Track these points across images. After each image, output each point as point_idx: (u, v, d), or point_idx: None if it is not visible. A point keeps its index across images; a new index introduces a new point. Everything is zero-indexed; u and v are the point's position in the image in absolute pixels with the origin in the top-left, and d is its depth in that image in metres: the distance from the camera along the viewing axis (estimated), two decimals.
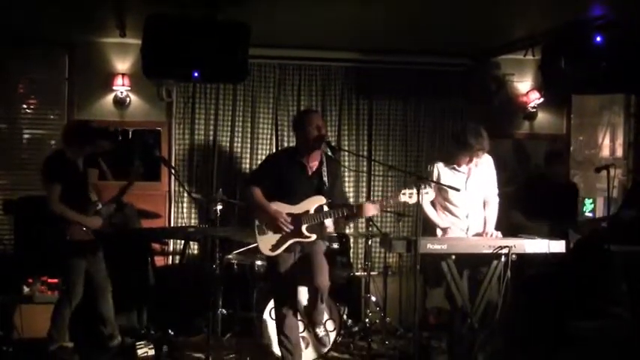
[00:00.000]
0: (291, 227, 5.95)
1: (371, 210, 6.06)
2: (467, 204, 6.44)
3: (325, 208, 6.09)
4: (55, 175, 6.49)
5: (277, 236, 6.03)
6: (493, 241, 6.08)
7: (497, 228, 6.43)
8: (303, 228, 5.99)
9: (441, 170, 6.42)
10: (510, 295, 5.77)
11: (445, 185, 6.28)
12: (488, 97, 8.91)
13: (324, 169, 6.11)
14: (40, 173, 6.59)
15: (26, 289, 7.19)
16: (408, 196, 5.91)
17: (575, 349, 3.53)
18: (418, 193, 5.82)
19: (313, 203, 6.02)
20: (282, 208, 5.99)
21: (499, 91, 9.01)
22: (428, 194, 6.29)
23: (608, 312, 6.25)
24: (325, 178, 6.09)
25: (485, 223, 6.47)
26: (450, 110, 8.89)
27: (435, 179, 6.37)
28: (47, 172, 6.55)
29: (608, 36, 6.97)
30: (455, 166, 6.40)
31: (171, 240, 8.32)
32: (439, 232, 6.45)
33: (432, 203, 6.49)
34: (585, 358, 3.52)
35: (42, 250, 6.91)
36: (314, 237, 6.02)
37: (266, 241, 6.07)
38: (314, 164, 6.12)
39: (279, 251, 6.04)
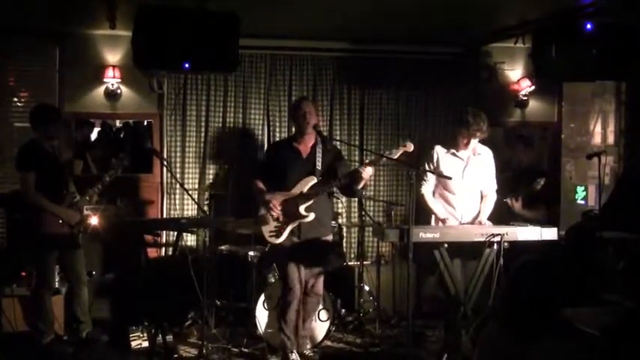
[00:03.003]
0: (279, 212, 6.20)
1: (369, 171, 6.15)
2: (463, 192, 6.47)
3: None
4: (28, 163, 6.49)
5: (277, 223, 6.25)
6: (485, 229, 6.12)
7: (493, 217, 6.48)
8: (301, 209, 6.19)
9: (440, 154, 6.44)
10: (503, 282, 5.80)
11: (436, 173, 6.32)
12: (479, 85, 8.92)
13: (319, 152, 6.33)
14: (15, 162, 6.60)
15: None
16: (387, 154, 6.07)
17: (564, 335, 3.55)
18: (411, 183, 5.87)
19: (306, 184, 6.24)
20: (277, 196, 6.23)
21: (490, 79, 9.03)
22: (428, 182, 6.37)
23: (602, 299, 6.29)
24: (319, 161, 6.31)
25: (478, 213, 6.51)
26: (441, 99, 8.87)
27: (434, 162, 6.42)
28: (20, 160, 6.55)
29: (598, 23, 7.00)
30: (454, 150, 6.42)
31: (164, 232, 8.31)
32: (433, 221, 6.49)
33: (432, 193, 6.54)
34: (574, 345, 3.54)
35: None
36: (312, 216, 6.20)
37: (269, 230, 6.28)
38: (308, 148, 6.38)
39: (282, 238, 6.26)
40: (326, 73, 8.75)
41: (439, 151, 6.47)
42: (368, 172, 6.12)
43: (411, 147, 6.07)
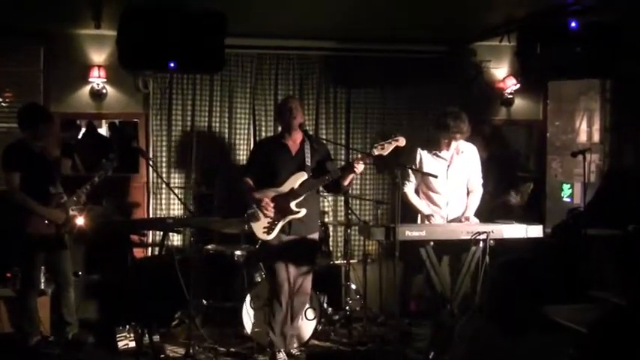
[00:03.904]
0: (273, 210, 6.19)
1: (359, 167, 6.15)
2: (448, 191, 6.50)
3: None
4: (13, 163, 6.45)
5: (269, 219, 6.23)
6: (471, 227, 6.15)
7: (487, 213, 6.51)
8: (292, 205, 6.20)
9: (423, 155, 6.49)
10: (489, 279, 5.82)
11: (422, 172, 6.35)
12: (465, 84, 8.93)
13: (307, 148, 6.36)
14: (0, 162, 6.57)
15: None
16: (379, 149, 6.02)
17: (550, 331, 3.57)
18: (396, 182, 5.89)
19: (297, 180, 6.25)
20: (268, 193, 6.23)
21: (476, 78, 9.04)
22: (411, 182, 6.40)
23: (589, 296, 6.33)
24: (308, 158, 6.32)
25: (465, 209, 6.54)
26: (427, 98, 8.85)
27: (417, 164, 6.45)
28: (5, 161, 6.50)
29: (582, 21, 7.03)
30: (436, 151, 6.46)
31: (151, 231, 8.29)
32: (419, 219, 6.51)
33: (416, 191, 6.56)
34: (560, 340, 3.57)
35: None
36: (304, 211, 6.23)
37: (259, 226, 6.27)
38: (296, 145, 6.40)
39: (274, 234, 6.26)
40: (312, 73, 8.75)
41: (421, 153, 6.50)
42: (360, 167, 6.13)
43: (403, 142, 6.09)
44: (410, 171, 6.46)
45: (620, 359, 3.33)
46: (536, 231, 6.26)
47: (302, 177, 6.25)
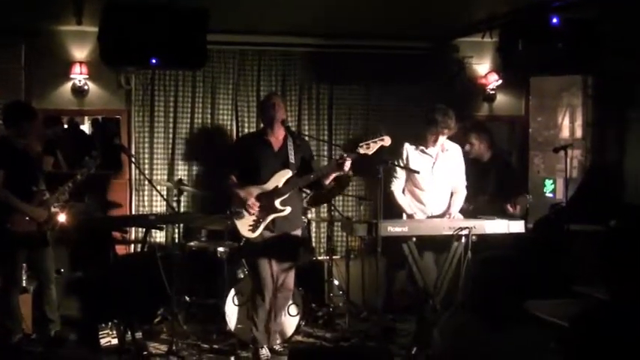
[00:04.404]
0: (257, 209, 6.19)
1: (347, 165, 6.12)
2: (433, 189, 6.51)
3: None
4: None
5: (253, 217, 6.22)
6: (453, 223, 6.17)
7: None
8: (277, 203, 6.20)
9: (409, 151, 6.50)
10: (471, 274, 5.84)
11: (404, 167, 6.36)
12: (448, 79, 8.94)
13: (290, 145, 6.36)
14: None
15: None
16: (365, 148, 6.00)
17: (532, 325, 3.59)
18: (379, 178, 5.90)
19: (281, 178, 6.25)
20: (252, 191, 6.23)
21: (459, 73, 9.06)
22: (398, 178, 6.41)
23: (572, 291, 6.36)
24: (292, 154, 6.33)
25: (449, 207, 6.56)
26: (410, 94, 8.85)
27: (404, 160, 6.46)
28: None
29: (564, 17, 7.05)
30: (423, 147, 6.48)
31: (133, 228, 8.26)
32: (404, 217, 6.53)
33: (402, 190, 6.58)
34: (543, 335, 3.58)
35: None
36: (288, 209, 6.23)
37: (244, 224, 6.27)
38: (279, 141, 6.40)
39: (258, 232, 6.26)
40: (295, 69, 8.73)
41: (408, 148, 6.52)
42: (348, 165, 6.11)
43: (388, 141, 6.11)
44: (396, 167, 6.46)
45: (602, 354, 3.34)
46: (518, 226, 6.30)
47: (286, 175, 6.25)
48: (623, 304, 3.33)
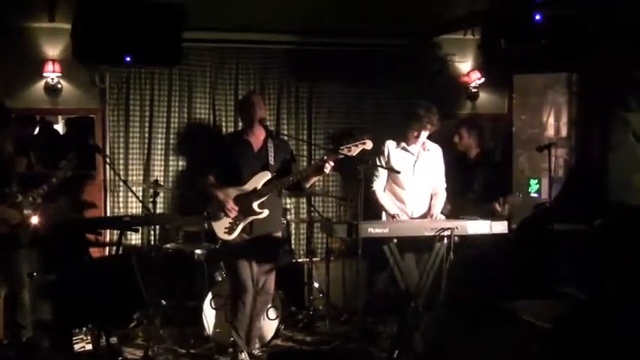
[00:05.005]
0: (236, 212, 6.17)
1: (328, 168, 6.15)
2: (414, 187, 6.55)
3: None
4: None
5: (230, 219, 6.22)
6: (435, 224, 6.20)
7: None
8: (255, 205, 6.19)
9: (391, 149, 6.54)
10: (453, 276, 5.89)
11: (384, 167, 6.40)
12: (430, 77, 8.98)
13: (270, 146, 6.35)
14: None
15: None
16: (346, 151, 6.03)
17: (512, 326, 3.64)
18: (360, 179, 5.91)
19: (260, 180, 6.23)
20: (230, 192, 6.21)
21: (441, 71, 9.10)
22: (379, 177, 6.45)
23: (556, 291, 6.41)
24: (271, 156, 6.32)
25: (430, 208, 6.60)
26: (391, 92, 8.90)
27: (385, 157, 6.50)
28: None
29: (547, 14, 7.10)
30: (404, 145, 6.52)
31: (108, 230, 8.25)
32: (384, 217, 6.56)
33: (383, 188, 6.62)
34: (525, 336, 3.63)
35: None
36: (266, 212, 6.22)
37: (221, 226, 6.25)
38: (259, 142, 6.38)
39: (235, 234, 6.24)
40: (273, 67, 8.74)
41: (390, 145, 6.56)
42: (328, 167, 6.12)
43: (370, 145, 6.11)
44: (377, 165, 6.50)
45: (584, 355, 3.40)
46: (500, 227, 6.32)
47: (265, 177, 6.25)
48: (604, 304, 3.39)
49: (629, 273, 4.60)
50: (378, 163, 6.48)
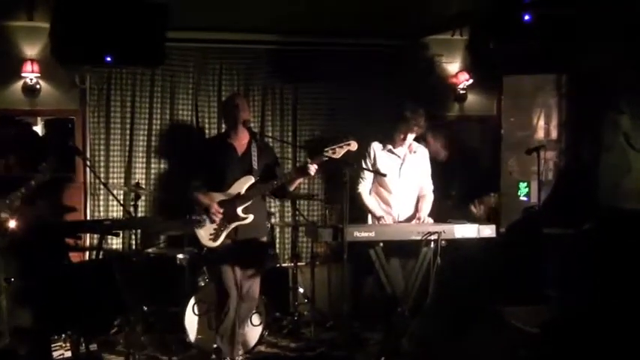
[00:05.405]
0: (221, 216, 6.15)
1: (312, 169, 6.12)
2: (400, 190, 6.55)
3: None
4: None
5: (215, 225, 6.19)
6: (422, 227, 6.19)
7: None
8: (239, 210, 6.16)
9: (377, 151, 6.54)
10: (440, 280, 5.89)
11: (370, 170, 6.40)
12: (417, 79, 8.97)
13: (254, 150, 6.32)
14: None
15: None
16: (331, 153, 6.02)
17: (499, 331, 3.65)
18: (344, 181, 5.91)
19: (244, 184, 6.21)
20: (214, 197, 6.18)
21: (429, 72, 9.10)
22: (365, 179, 6.45)
23: (543, 296, 6.43)
24: (255, 160, 6.29)
25: (417, 211, 6.60)
26: (378, 94, 8.88)
27: (371, 159, 6.50)
28: None
29: (536, 14, 7.11)
30: (391, 147, 6.52)
31: (88, 234, 8.21)
32: (370, 220, 6.55)
33: (369, 191, 6.62)
34: (512, 341, 3.64)
35: None
36: (251, 217, 6.20)
37: (205, 233, 6.22)
38: (243, 145, 6.36)
39: (220, 240, 6.21)
40: (258, 68, 8.73)
41: (376, 147, 6.56)
42: (313, 170, 6.11)
43: (355, 146, 6.10)
44: (363, 168, 6.50)
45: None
46: (488, 231, 6.32)
47: (249, 181, 6.22)
48: (592, 309, 3.40)
49: (618, 277, 4.61)
50: (364, 166, 6.48)
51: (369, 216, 6.60)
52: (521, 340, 3.84)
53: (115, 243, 8.18)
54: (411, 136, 6.49)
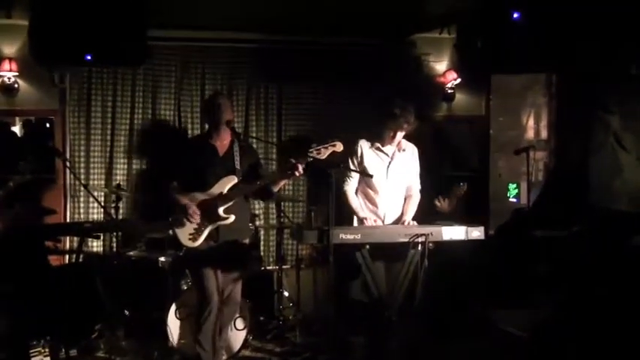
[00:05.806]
0: (198, 217, 6.10)
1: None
2: (387, 190, 6.54)
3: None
4: None
5: (195, 225, 6.15)
6: (409, 230, 6.18)
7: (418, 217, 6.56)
8: (220, 210, 6.13)
9: (364, 150, 6.51)
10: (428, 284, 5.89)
11: (356, 171, 6.39)
12: (404, 78, 8.97)
13: (236, 150, 6.31)
14: None
15: None
16: (316, 153, 6.00)
17: (487, 335, 3.65)
18: (330, 182, 5.90)
19: (226, 184, 6.17)
20: (195, 197, 6.15)
21: (416, 72, 9.11)
22: (352, 178, 6.43)
23: (533, 300, 6.43)
24: (237, 160, 6.27)
25: (403, 213, 6.59)
26: (364, 93, 8.86)
27: (358, 158, 6.48)
28: None
29: (525, 13, 7.12)
30: (379, 145, 6.51)
31: (68, 237, 8.17)
32: (355, 221, 6.54)
33: (355, 190, 6.61)
34: (501, 345, 3.64)
35: None
36: (232, 218, 6.15)
37: (185, 233, 6.18)
38: (225, 145, 6.33)
39: (200, 241, 6.17)
40: (241, 67, 8.73)
41: (363, 145, 6.54)
42: (300, 170, 6.09)
43: (340, 147, 6.08)
44: (350, 169, 6.49)
45: None
46: (477, 233, 6.31)
47: (231, 181, 6.20)
48: (582, 311, 3.41)
49: (608, 279, 4.62)
50: (351, 167, 6.46)
51: (355, 217, 6.59)
52: (510, 343, 3.85)
53: (96, 246, 8.15)
54: (400, 134, 6.47)
